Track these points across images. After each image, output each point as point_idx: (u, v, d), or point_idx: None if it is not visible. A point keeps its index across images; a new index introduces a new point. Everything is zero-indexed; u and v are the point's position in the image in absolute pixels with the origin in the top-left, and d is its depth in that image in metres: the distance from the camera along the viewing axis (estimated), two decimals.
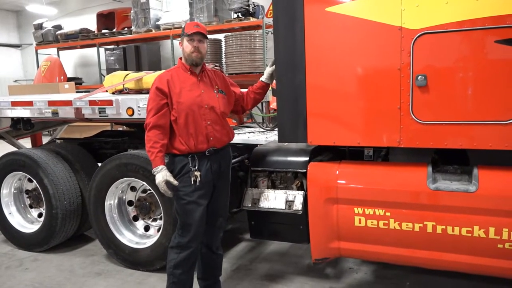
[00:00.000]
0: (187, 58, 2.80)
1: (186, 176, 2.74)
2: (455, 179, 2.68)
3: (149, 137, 2.71)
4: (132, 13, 10.52)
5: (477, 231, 2.53)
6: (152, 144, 2.69)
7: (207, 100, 2.77)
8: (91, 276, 3.66)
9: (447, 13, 2.47)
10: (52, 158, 4.07)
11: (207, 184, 2.80)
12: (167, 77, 2.77)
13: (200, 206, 2.78)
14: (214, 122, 2.80)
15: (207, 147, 2.76)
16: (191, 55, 2.76)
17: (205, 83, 2.84)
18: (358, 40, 2.69)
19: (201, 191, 2.77)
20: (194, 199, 2.75)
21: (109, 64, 11.54)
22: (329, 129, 2.87)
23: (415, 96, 2.60)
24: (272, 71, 3.09)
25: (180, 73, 2.81)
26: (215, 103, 2.81)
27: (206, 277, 3.09)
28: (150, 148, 2.70)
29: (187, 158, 2.75)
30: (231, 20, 9.23)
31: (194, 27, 2.77)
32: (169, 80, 2.75)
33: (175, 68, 2.87)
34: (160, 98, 2.72)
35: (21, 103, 4.12)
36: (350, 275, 3.51)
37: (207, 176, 2.78)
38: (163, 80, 2.75)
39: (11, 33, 16.54)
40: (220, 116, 2.84)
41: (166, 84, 2.73)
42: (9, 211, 4.36)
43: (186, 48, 2.77)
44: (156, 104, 2.72)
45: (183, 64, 2.83)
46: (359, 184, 2.87)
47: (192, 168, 2.73)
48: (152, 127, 2.70)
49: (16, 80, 16.09)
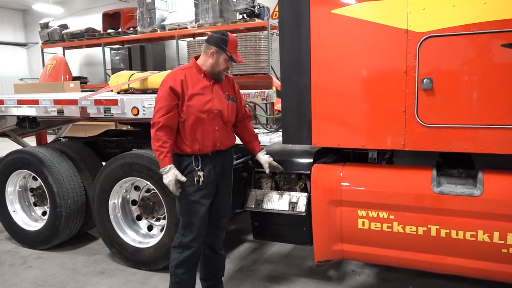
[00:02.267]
0: (212, 70, 2.74)
1: (189, 176, 2.74)
2: (460, 183, 2.67)
3: (158, 136, 2.67)
4: (138, 13, 10.58)
5: (481, 236, 2.52)
6: (161, 144, 2.66)
7: (217, 105, 2.75)
8: (94, 275, 3.67)
9: (454, 16, 2.46)
10: (56, 157, 4.09)
11: (210, 184, 2.80)
12: (181, 77, 2.71)
13: (203, 206, 2.78)
14: (222, 128, 2.79)
15: (212, 149, 2.76)
16: (221, 72, 2.76)
17: (217, 88, 2.80)
18: (364, 42, 2.69)
19: (204, 191, 2.77)
20: (197, 199, 2.76)
21: (114, 64, 11.60)
22: (334, 131, 2.87)
23: (420, 99, 2.59)
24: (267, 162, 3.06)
25: (194, 74, 2.75)
26: (224, 110, 2.78)
27: (208, 277, 3.09)
28: (159, 148, 2.67)
29: (190, 158, 2.74)
30: (236, 21, 9.26)
31: (238, 51, 2.77)
32: (183, 81, 2.69)
33: (188, 67, 2.80)
34: (172, 98, 2.67)
35: (27, 101, 4.13)
36: (353, 277, 3.50)
37: (210, 177, 2.78)
38: (177, 80, 2.69)
39: (17, 32, 16.65)
40: (227, 123, 2.83)
41: (180, 84, 2.68)
42: (13, 209, 4.38)
43: (220, 64, 2.72)
44: (168, 104, 2.67)
45: (199, 66, 2.77)
46: (363, 187, 2.87)
47: (196, 168, 2.73)
48: (161, 127, 2.66)
49: (22, 79, 16.19)
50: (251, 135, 3.11)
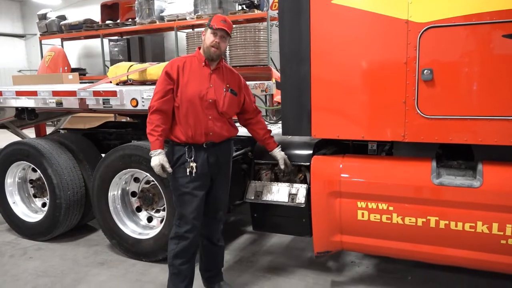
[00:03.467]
0: (205, 50, 2.76)
1: (182, 167, 2.74)
2: (459, 174, 2.67)
3: (151, 120, 2.72)
4: (136, 4, 10.49)
5: (480, 227, 2.52)
6: (153, 128, 2.70)
7: (212, 95, 2.75)
8: (94, 266, 3.69)
9: (455, 7, 2.44)
10: (56, 148, 4.08)
11: (204, 176, 2.80)
12: (178, 63, 2.75)
13: (196, 197, 2.78)
14: (216, 118, 2.78)
15: (205, 140, 2.76)
16: (209, 48, 2.73)
17: (216, 78, 2.80)
18: (364, 33, 2.67)
19: (197, 182, 2.77)
20: (190, 190, 2.76)
21: (113, 55, 11.54)
22: (333, 122, 2.86)
23: (420, 90, 2.58)
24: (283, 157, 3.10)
25: (194, 62, 2.79)
26: (220, 100, 2.77)
27: (208, 268, 3.10)
28: (151, 131, 2.71)
29: (184, 149, 2.75)
30: (235, 12, 9.19)
31: (221, 22, 2.71)
32: (180, 67, 2.73)
33: (191, 56, 2.84)
34: (167, 82, 2.72)
35: (26, 93, 4.12)
36: (352, 268, 3.51)
37: (203, 168, 2.77)
38: (174, 66, 2.74)
39: (15, 23, 16.54)
40: (223, 114, 2.81)
41: (176, 70, 2.72)
42: (13, 201, 4.38)
43: (207, 40, 2.74)
44: (163, 88, 2.72)
45: (200, 54, 2.81)
46: (362, 178, 2.87)
47: (188, 159, 2.73)
48: (155, 111, 2.71)
49: (20, 70, 16.11)
50: (266, 131, 3.13)
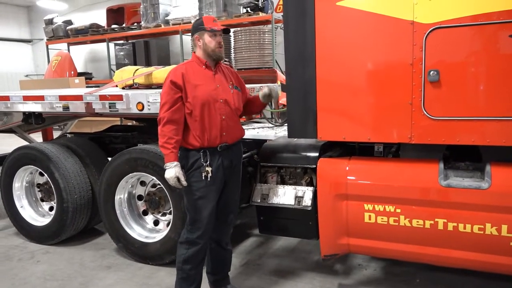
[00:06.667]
0: (211, 53, 2.76)
1: (198, 172, 2.73)
2: (467, 175, 2.65)
3: (163, 132, 2.67)
4: (142, 8, 10.56)
5: (489, 229, 2.49)
6: (166, 140, 2.66)
7: (222, 94, 2.76)
8: (101, 270, 3.69)
9: (461, 7, 2.43)
10: (63, 152, 4.10)
11: (219, 180, 2.79)
12: (181, 70, 2.74)
13: (211, 202, 2.78)
14: (229, 117, 2.78)
15: (220, 142, 2.75)
16: (216, 50, 2.75)
17: (220, 77, 2.82)
18: (370, 34, 2.66)
19: (212, 186, 2.76)
20: (205, 194, 2.75)
21: (119, 59, 11.59)
22: (339, 124, 2.85)
23: (427, 92, 2.56)
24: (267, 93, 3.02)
25: (195, 67, 2.79)
26: (230, 98, 2.80)
27: (215, 272, 3.10)
28: (164, 144, 2.67)
29: (199, 153, 2.73)
30: (240, 15, 9.20)
31: (214, 22, 2.76)
32: (184, 74, 2.71)
33: (189, 62, 2.84)
34: (174, 92, 2.69)
35: (33, 97, 4.15)
36: (359, 271, 3.49)
37: (218, 172, 2.77)
38: (178, 73, 2.71)
39: (22, 28, 16.70)
40: (234, 111, 2.84)
41: (181, 77, 2.70)
42: (21, 205, 4.41)
43: (209, 44, 2.74)
44: (171, 98, 2.68)
45: (198, 58, 2.81)
46: (369, 180, 2.85)
47: (204, 164, 2.72)
48: (166, 122, 2.66)
49: (27, 75, 16.26)
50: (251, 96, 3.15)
